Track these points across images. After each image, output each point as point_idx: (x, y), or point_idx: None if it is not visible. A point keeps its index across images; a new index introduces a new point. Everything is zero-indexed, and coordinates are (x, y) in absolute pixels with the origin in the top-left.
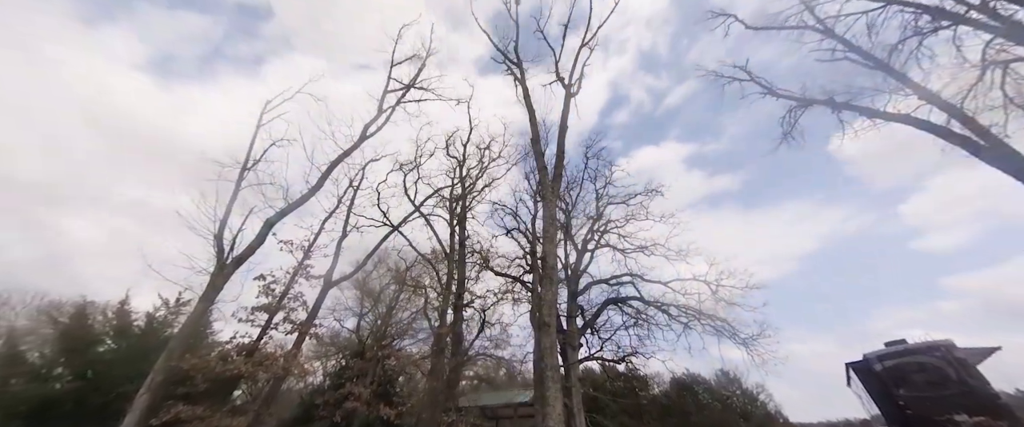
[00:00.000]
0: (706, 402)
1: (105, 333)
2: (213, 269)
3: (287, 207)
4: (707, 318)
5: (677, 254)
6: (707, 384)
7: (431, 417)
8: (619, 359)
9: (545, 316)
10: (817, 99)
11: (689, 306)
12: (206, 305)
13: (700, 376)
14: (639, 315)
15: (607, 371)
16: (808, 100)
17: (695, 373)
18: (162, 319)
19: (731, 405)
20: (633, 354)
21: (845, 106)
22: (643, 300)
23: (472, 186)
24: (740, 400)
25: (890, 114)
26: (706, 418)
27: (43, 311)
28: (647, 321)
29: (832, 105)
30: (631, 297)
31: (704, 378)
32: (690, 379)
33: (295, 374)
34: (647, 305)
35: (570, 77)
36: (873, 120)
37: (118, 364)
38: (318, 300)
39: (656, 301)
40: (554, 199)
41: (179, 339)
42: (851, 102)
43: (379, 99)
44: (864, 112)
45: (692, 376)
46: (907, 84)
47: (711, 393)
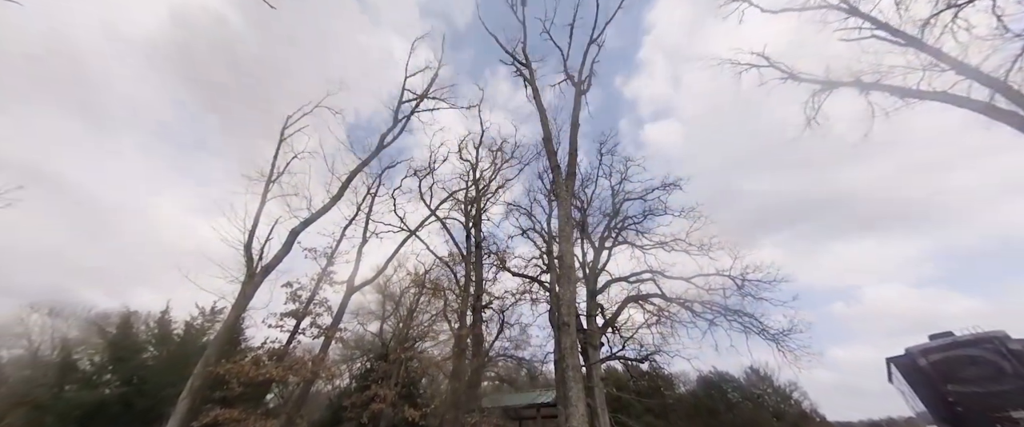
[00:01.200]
0: (736, 401)
1: (148, 341)
2: (243, 278)
3: (310, 217)
4: (733, 314)
5: (699, 249)
6: (736, 382)
7: (455, 418)
8: (642, 358)
9: (564, 315)
10: (843, 81)
11: (714, 302)
12: (238, 313)
13: (728, 374)
14: (661, 312)
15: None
16: (833, 83)
17: (723, 371)
18: (199, 327)
19: (763, 404)
20: (657, 352)
21: (874, 86)
22: (665, 297)
23: (486, 188)
24: (772, 398)
25: (925, 92)
26: (736, 417)
27: (93, 322)
28: (670, 318)
29: (859, 86)
30: (652, 294)
31: (733, 376)
32: (718, 377)
33: (323, 377)
34: (669, 302)
35: (579, 75)
36: (905, 100)
37: (161, 370)
38: (342, 305)
39: (679, 298)
40: (568, 197)
41: (215, 345)
42: (880, 82)
43: (394, 110)
44: (895, 92)
45: (720, 374)
46: (942, 59)
47: (741, 391)
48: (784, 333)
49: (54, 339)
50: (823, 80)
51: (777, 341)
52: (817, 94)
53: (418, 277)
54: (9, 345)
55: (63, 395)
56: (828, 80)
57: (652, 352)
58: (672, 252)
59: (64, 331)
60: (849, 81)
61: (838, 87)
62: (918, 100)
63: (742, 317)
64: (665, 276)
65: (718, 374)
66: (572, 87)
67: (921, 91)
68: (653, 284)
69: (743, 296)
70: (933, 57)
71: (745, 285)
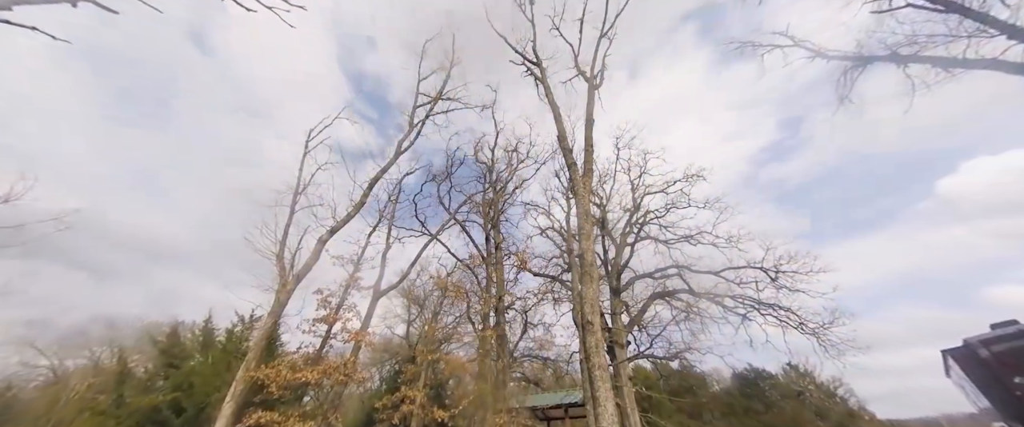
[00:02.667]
0: (775, 399)
1: (194, 349)
2: (277, 286)
3: (336, 225)
4: (768, 308)
5: (727, 241)
6: (774, 379)
7: (483, 419)
8: (671, 356)
9: (588, 314)
10: (878, 55)
11: (746, 296)
12: (274, 319)
13: (765, 371)
14: (690, 308)
15: (659, 369)
16: (866, 58)
17: (759, 368)
18: (239, 334)
19: (805, 401)
20: (686, 350)
21: (913, 59)
22: (693, 292)
23: (503, 189)
24: (815, 396)
25: (972, 61)
26: (776, 416)
27: (145, 332)
28: (699, 314)
29: (896, 59)
30: (679, 290)
31: (770, 373)
32: (754, 374)
33: (355, 380)
34: (698, 297)
35: (591, 70)
36: (950, 71)
37: (206, 375)
38: (369, 310)
39: (708, 292)
40: (586, 194)
41: (254, 351)
42: (919, 54)
43: (409, 115)
44: (938, 63)
45: (756, 371)
46: (991, 24)
47: (780, 389)
48: (824, 326)
49: (113, 349)
50: (855, 56)
51: (817, 335)
52: (849, 71)
53: (441, 280)
54: (75, 356)
55: (122, 401)
56: (861, 55)
57: (682, 350)
58: (698, 246)
59: (121, 341)
60: (884, 55)
61: (873, 62)
62: (964, 70)
63: (777, 311)
64: (692, 271)
65: (754, 371)
66: (585, 83)
67: (968, 60)
68: (680, 279)
69: (778, 289)
70: (979, 22)
71: (779, 277)
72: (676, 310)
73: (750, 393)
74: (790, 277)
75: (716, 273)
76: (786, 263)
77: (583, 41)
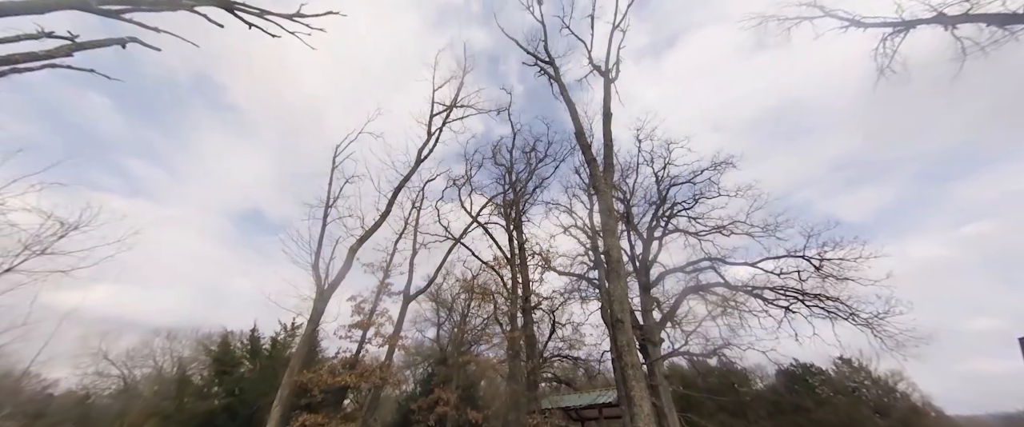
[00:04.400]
0: (826, 396)
1: (243, 356)
2: (314, 295)
3: (364, 234)
4: (813, 299)
5: (763, 229)
6: (824, 375)
7: (516, 420)
8: (709, 353)
9: (617, 312)
10: (921, 19)
11: (788, 287)
12: (313, 327)
13: (813, 366)
14: (726, 303)
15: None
16: (908, 23)
17: (807, 363)
18: (283, 341)
19: (860, 398)
20: (725, 346)
21: (963, 19)
22: (729, 285)
23: (523, 189)
24: (871, 391)
25: None
26: (829, 414)
27: (200, 342)
28: (737, 308)
29: (943, 21)
30: (714, 284)
31: (819, 368)
32: (801, 370)
33: (390, 383)
34: (734, 291)
35: (606, 63)
36: (1006, 28)
37: (255, 381)
38: (401, 314)
39: (745, 285)
40: (609, 190)
41: (297, 357)
42: (970, 13)
43: (426, 123)
44: (993, 20)
45: (804, 366)
46: None
47: (831, 385)
48: (879, 316)
49: (173, 358)
50: (895, 21)
51: (871, 326)
52: (889, 39)
53: (467, 283)
54: (140, 365)
55: (183, 406)
56: (901, 20)
57: (720, 346)
58: (732, 236)
59: (180, 351)
60: (929, 17)
61: (916, 26)
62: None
63: (824, 301)
64: (726, 263)
65: (801, 366)
66: (600, 77)
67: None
68: (714, 273)
69: (823, 278)
70: None
71: (824, 265)
72: (711, 305)
73: (798, 390)
74: (837, 265)
75: (753, 264)
76: (831, 250)
77: (595, 35)
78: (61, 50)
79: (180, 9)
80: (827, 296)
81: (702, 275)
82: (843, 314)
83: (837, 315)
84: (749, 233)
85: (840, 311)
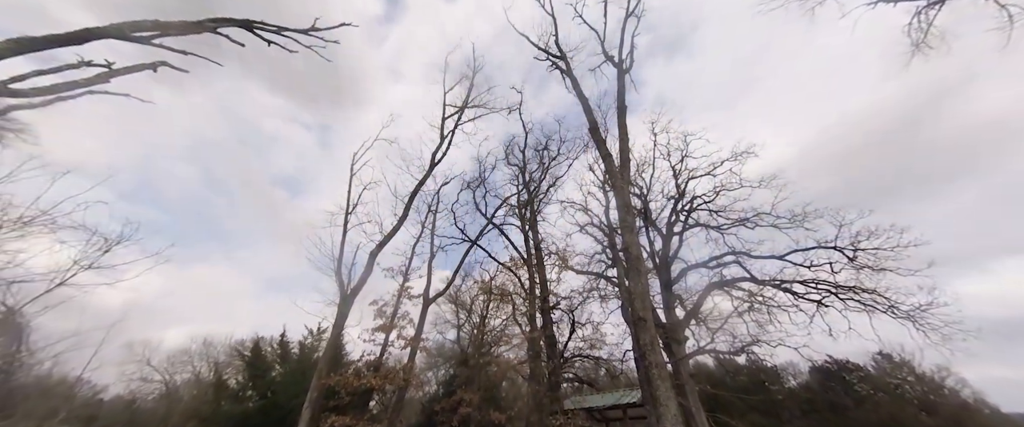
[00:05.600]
0: (865, 393)
1: (274, 361)
2: (338, 300)
3: (383, 239)
4: (848, 291)
5: (790, 220)
6: (863, 371)
7: (539, 421)
8: (737, 351)
9: (639, 310)
10: None
11: (820, 279)
12: (338, 331)
13: (850, 362)
14: (753, 298)
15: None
16: None
17: (842, 359)
18: (310, 345)
19: (903, 395)
20: (754, 343)
21: None
22: (755, 280)
23: (537, 189)
24: (916, 388)
25: None
26: (869, 412)
27: (234, 347)
28: (765, 303)
29: None
30: (739, 279)
31: (856, 364)
32: (837, 367)
33: (413, 385)
34: (762, 285)
35: (619, 53)
36: None
37: (286, 384)
38: (421, 317)
39: (773, 279)
40: (625, 185)
41: (324, 360)
42: None
43: (439, 127)
44: None
45: (839, 363)
46: None
47: (871, 382)
48: (921, 309)
49: (209, 364)
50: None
51: (913, 319)
52: (924, 12)
53: (485, 284)
54: (180, 370)
55: (220, 409)
56: None
57: (748, 343)
58: (756, 229)
59: (216, 357)
60: None
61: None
62: None
63: (860, 294)
64: (752, 256)
65: (836, 363)
66: (614, 68)
67: None
68: (738, 267)
69: (858, 269)
70: None
71: (858, 255)
72: (737, 300)
73: (834, 387)
74: (872, 255)
75: (781, 257)
76: (866, 239)
77: (608, 24)
78: (100, 77)
79: (204, 32)
80: (863, 288)
81: (726, 270)
82: (881, 307)
83: (875, 308)
84: (775, 225)
85: (878, 304)
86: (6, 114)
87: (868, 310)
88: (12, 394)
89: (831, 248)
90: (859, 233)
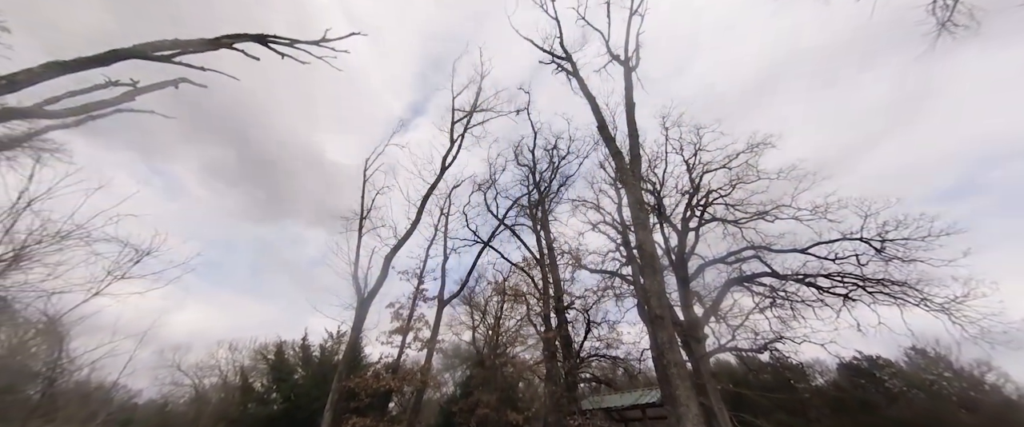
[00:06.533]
0: (897, 390)
1: (297, 364)
2: (356, 304)
3: (397, 243)
4: (876, 284)
5: (812, 212)
6: (895, 367)
7: (557, 422)
8: (759, 348)
9: (655, 308)
10: None
11: (846, 273)
12: (356, 334)
13: (881, 358)
14: (775, 293)
15: (746, 363)
16: None
17: (873, 355)
18: (330, 348)
19: (940, 392)
20: (777, 340)
21: None
22: (777, 275)
23: (547, 189)
24: (954, 384)
25: None
26: (903, 410)
27: (258, 351)
28: (788, 299)
29: None
30: (759, 274)
31: (888, 360)
32: (867, 363)
33: (431, 386)
34: (784, 280)
35: (626, 51)
36: None
37: (308, 387)
38: (436, 318)
39: (796, 273)
40: (636, 182)
41: (344, 363)
42: None
43: (449, 131)
44: None
45: (869, 359)
46: None
47: (904, 378)
48: (957, 300)
49: (235, 368)
50: None
51: (948, 311)
52: None
53: (498, 285)
54: (208, 375)
55: (247, 411)
56: None
57: (771, 340)
58: (776, 221)
59: (241, 361)
60: None
61: None
62: None
63: (889, 286)
64: (772, 250)
65: (866, 359)
66: (620, 66)
67: None
68: (758, 262)
69: (887, 261)
70: None
71: (887, 246)
72: (758, 296)
73: (864, 384)
74: (902, 245)
75: (803, 250)
76: (894, 229)
77: (612, 24)
78: (126, 96)
79: (221, 48)
80: (892, 280)
81: (746, 265)
82: (913, 299)
83: (906, 301)
84: (796, 217)
85: (909, 296)
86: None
87: (899, 303)
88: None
89: (857, 239)
90: (886, 223)
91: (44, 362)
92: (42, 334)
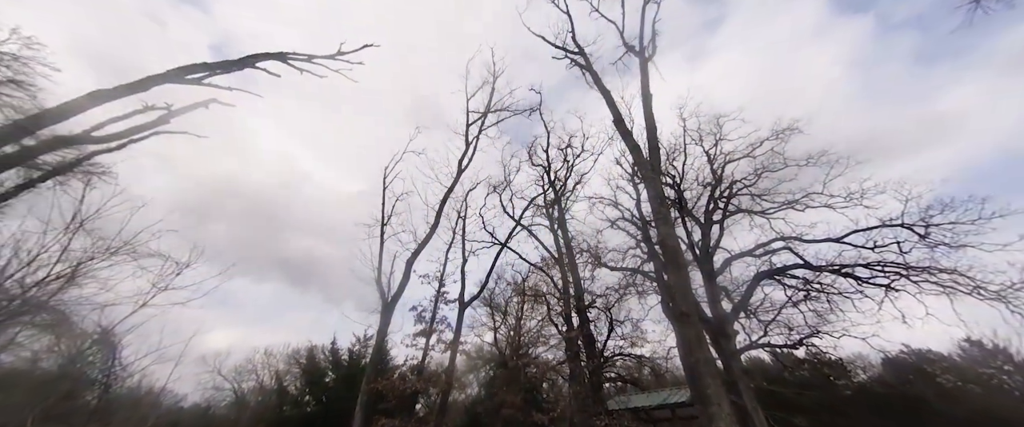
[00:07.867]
0: (951, 386)
1: (327, 367)
2: (380, 308)
3: (417, 247)
4: (921, 272)
5: (846, 199)
6: (947, 361)
7: (583, 422)
8: (794, 343)
9: (681, 305)
10: None
11: (887, 261)
12: (381, 338)
13: (931, 352)
14: (809, 286)
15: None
16: None
17: (920, 349)
18: (358, 352)
19: (1000, 387)
20: (813, 335)
21: None
22: (810, 266)
23: (563, 187)
24: (1015, 378)
25: None
26: (959, 407)
27: (291, 356)
28: (823, 291)
29: None
30: (791, 266)
31: (939, 353)
32: (915, 357)
33: (456, 387)
34: (818, 271)
35: (640, 41)
36: None
37: (338, 389)
38: (458, 320)
39: (831, 264)
40: (656, 176)
41: (371, 366)
42: None
43: (463, 133)
44: None
45: (917, 353)
46: None
47: (958, 372)
48: (1014, 287)
49: (271, 372)
50: None
51: (1005, 299)
52: None
53: (518, 286)
54: (246, 379)
55: (283, 414)
56: None
57: (806, 335)
58: (807, 210)
59: (276, 365)
60: None
61: None
62: None
63: (936, 274)
64: (804, 241)
65: (914, 353)
66: (635, 57)
67: None
68: (789, 253)
69: (932, 247)
70: None
71: (932, 232)
72: (791, 289)
73: (912, 380)
74: (949, 230)
75: (838, 239)
76: (939, 213)
77: (627, 14)
78: (162, 119)
79: (246, 68)
80: (939, 268)
81: (776, 257)
82: (964, 288)
83: (956, 289)
84: (829, 205)
85: (960, 284)
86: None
87: (948, 292)
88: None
89: (898, 226)
90: (930, 207)
91: (100, 370)
92: (97, 344)
